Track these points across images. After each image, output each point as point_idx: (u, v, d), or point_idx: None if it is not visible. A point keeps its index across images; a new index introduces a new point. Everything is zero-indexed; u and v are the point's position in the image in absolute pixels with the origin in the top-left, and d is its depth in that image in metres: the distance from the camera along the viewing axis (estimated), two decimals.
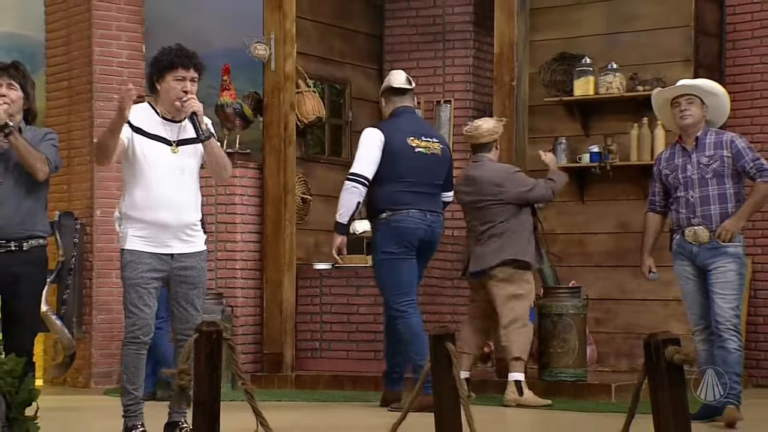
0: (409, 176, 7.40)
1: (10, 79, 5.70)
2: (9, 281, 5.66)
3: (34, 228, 5.76)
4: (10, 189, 5.65)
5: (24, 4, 10.24)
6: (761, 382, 9.37)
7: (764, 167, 6.67)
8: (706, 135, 6.75)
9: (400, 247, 7.39)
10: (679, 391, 3.17)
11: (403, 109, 7.60)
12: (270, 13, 9.28)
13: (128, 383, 5.83)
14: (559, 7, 9.99)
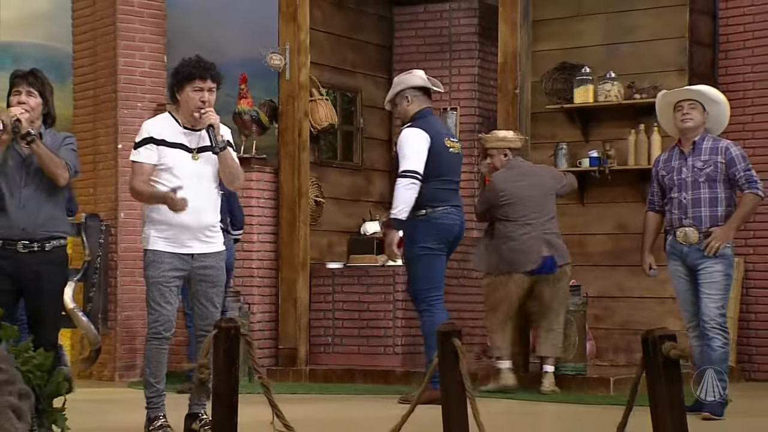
0: (447, 175, 7.43)
1: (29, 86, 5.68)
2: (32, 279, 5.66)
3: (55, 229, 5.76)
4: (31, 193, 5.65)
5: (53, 18, 10.26)
6: (754, 376, 9.36)
7: (753, 178, 6.67)
8: (703, 140, 6.75)
9: (438, 243, 7.37)
10: (675, 385, 3.16)
11: (428, 110, 7.59)
12: (285, 25, 9.29)
13: (151, 376, 5.85)
14: (560, 19, 9.98)
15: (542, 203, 8.10)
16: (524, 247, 7.96)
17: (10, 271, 5.60)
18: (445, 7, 10.31)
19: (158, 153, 5.76)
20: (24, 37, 10.34)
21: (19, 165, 5.67)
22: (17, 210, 5.64)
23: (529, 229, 7.99)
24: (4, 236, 5.64)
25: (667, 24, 9.61)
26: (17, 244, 5.64)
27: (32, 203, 5.66)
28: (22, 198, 5.65)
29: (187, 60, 5.88)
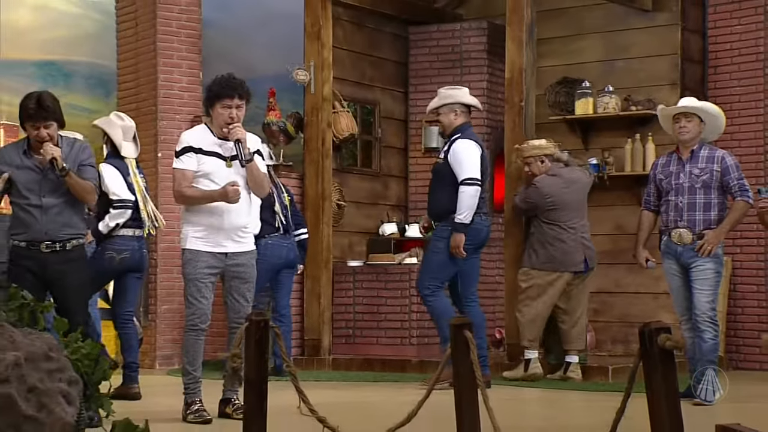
0: (484, 183, 7.47)
1: (45, 120, 5.61)
2: (57, 276, 5.67)
3: (74, 231, 5.77)
4: (52, 200, 5.67)
5: (100, 38, 10.30)
6: (741, 365, 9.32)
7: (745, 187, 6.68)
8: (700, 149, 6.74)
9: (473, 246, 7.39)
10: (670, 373, 3.14)
11: (469, 125, 7.66)
12: (310, 43, 9.30)
13: (188, 365, 5.86)
14: (562, 38, 9.97)
15: (581, 208, 8.19)
16: (571, 250, 8.03)
17: (35, 269, 5.62)
18: (457, 27, 10.31)
19: (197, 160, 5.79)
20: (74, 55, 10.38)
21: (40, 176, 5.69)
22: (40, 216, 5.65)
23: (573, 233, 8.06)
24: (29, 239, 5.66)
25: (660, 42, 9.60)
26: (41, 245, 5.65)
27: (53, 209, 5.68)
28: (44, 205, 5.67)
29: (218, 78, 5.90)
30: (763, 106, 9.41)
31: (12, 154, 5.71)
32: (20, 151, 5.70)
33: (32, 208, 5.63)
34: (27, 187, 5.65)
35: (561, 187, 8.12)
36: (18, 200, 5.67)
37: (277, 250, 8.05)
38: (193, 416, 5.73)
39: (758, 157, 9.19)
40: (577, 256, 8.04)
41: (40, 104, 5.61)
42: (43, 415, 3.53)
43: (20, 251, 5.70)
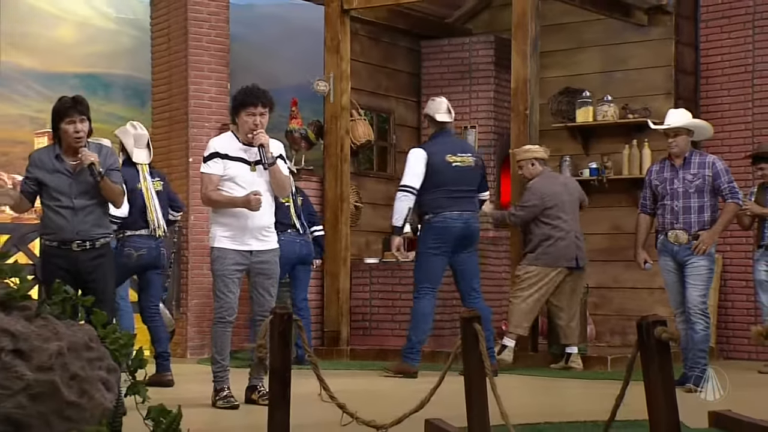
0: (450, 185, 7.40)
1: (80, 114, 5.59)
2: (87, 272, 5.65)
3: (102, 230, 5.74)
4: (82, 202, 5.64)
5: (136, 53, 10.34)
6: (730, 355, 9.31)
7: (735, 190, 6.69)
8: (692, 155, 6.73)
9: (437, 244, 7.39)
10: (665, 363, 3.14)
11: (441, 132, 7.61)
12: (329, 56, 9.30)
13: (217, 354, 5.86)
14: (564, 51, 9.96)
15: (574, 209, 8.11)
16: (566, 247, 7.96)
17: (66, 267, 5.58)
18: (466, 41, 10.30)
19: (223, 165, 5.80)
20: (112, 68, 10.42)
21: (70, 179, 5.66)
22: (72, 217, 5.62)
23: (567, 229, 7.99)
24: (60, 239, 5.63)
25: (655, 55, 9.59)
26: (72, 244, 5.62)
27: (84, 210, 5.63)
28: (75, 206, 5.64)
29: (244, 88, 5.91)
30: (751, 114, 9.39)
31: (44, 158, 5.68)
32: (52, 155, 5.65)
33: (64, 209, 5.60)
34: (58, 190, 5.61)
35: (557, 186, 8.08)
36: (49, 202, 5.64)
37: (291, 246, 8.03)
38: (222, 402, 5.75)
39: (746, 162, 9.15)
40: (570, 252, 7.98)
41: (76, 100, 5.62)
42: (84, 401, 3.54)
43: (52, 251, 5.68)
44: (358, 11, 9.44)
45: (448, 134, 7.71)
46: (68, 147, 5.59)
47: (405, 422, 3.85)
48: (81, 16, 10.41)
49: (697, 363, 6.62)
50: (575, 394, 6.71)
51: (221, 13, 9.57)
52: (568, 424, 4.86)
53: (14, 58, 10.03)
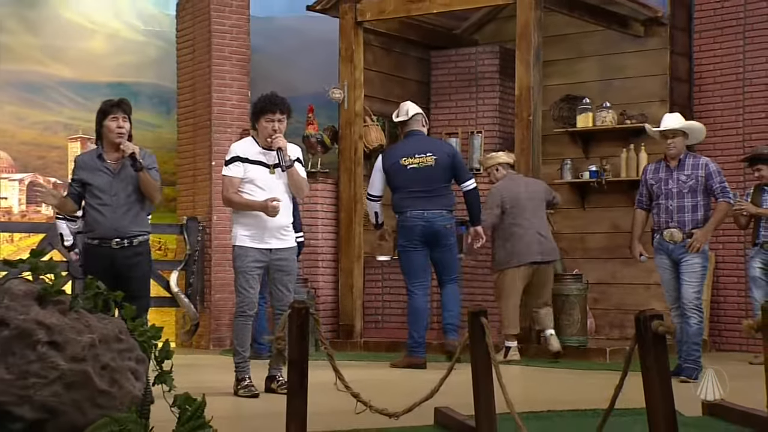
0: (409, 186, 7.38)
1: (124, 113, 5.65)
2: (125, 269, 5.67)
3: (140, 228, 5.75)
4: (123, 200, 5.65)
5: (162, 63, 10.36)
6: (722, 347, 9.27)
7: (727, 190, 6.68)
8: (686, 157, 6.71)
9: (408, 241, 7.43)
10: (662, 355, 3.13)
11: (409, 133, 7.59)
12: (344, 66, 9.31)
13: (238, 346, 5.87)
14: (565, 60, 9.94)
15: (536, 207, 7.99)
16: (527, 244, 7.89)
17: (106, 264, 5.60)
18: (473, 51, 10.29)
19: (243, 168, 5.81)
20: (140, 77, 10.44)
21: (111, 178, 5.67)
22: (111, 215, 5.62)
23: (527, 227, 7.90)
24: (100, 236, 5.64)
25: (651, 64, 9.56)
26: (111, 242, 5.63)
27: (122, 209, 5.65)
28: (114, 205, 5.65)
29: (263, 96, 5.93)
30: (741, 120, 9.36)
31: (87, 160, 5.73)
32: (95, 156, 5.70)
33: (104, 207, 5.63)
34: (100, 188, 5.65)
35: (515, 188, 7.99)
36: (91, 201, 5.66)
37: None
38: (243, 391, 5.76)
39: (738, 165, 9.13)
40: (533, 248, 7.88)
41: (121, 101, 5.72)
42: (114, 390, 3.55)
43: (92, 248, 5.70)
44: (370, 23, 9.45)
45: (415, 136, 7.58)
46: (110, 144, 5.62)
47: (416, 410, 3.85)
48: (111, 29, 10.44)
49: (691, 355, 6.63)
50: (576, 384, 6.69)
51: (242, 26, 9.59)
52: (570, 412, 4.85)
53: (51, 69, 10.08)
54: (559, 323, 8.32)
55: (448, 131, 10.09)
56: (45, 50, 10.08)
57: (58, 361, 3.49)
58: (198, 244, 9.24)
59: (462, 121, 10.16)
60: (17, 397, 3.45)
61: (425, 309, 7.47)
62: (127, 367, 3.61)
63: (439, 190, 7.45)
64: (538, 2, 8.45)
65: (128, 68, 10.44)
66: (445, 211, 7.46)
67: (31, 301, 3.58)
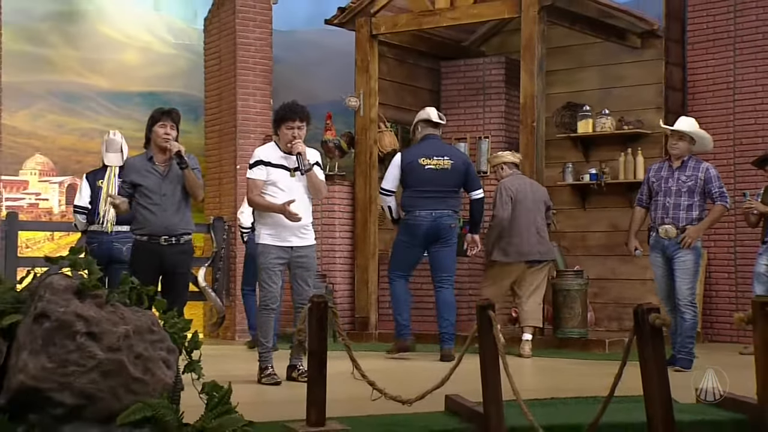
0: (421, 186, 7.29)
1: (172, 121, 5.77)
2: (171, 265, 5.70)
3: (186, 227, 5.81)
4: (171, 200, 5.70)
5: (190, 74, 10.39)
6: (714, 338, 9.24)
7: (725, 194, 6.63)
8: (689, 160, 6.68)
9: (409, 237, 7.34)
10: (658, 346, 3.12)
11: (427, 136, 7.49)
12: (360, 76, 9.31)
13: (262, 337, 5.88)
14: (566, 70, 9.92)
15: (538, 209, 7.88)
16: (527, 243, 7.78)
17: (153, 259, 5.64)
18: (480, 61, 10.27)
19: (266, 171, 5.82)
20: (170, 87, 10.46)
21: (160, 179, 5.72)
22: (161, 213, 5.68)
23: (529, 225, 7.78)
24: (149, 233, 5.69)
25: (647, 73, 9.53)
26: (160, 238, 5.68)
27: (171, 208, 5.70)
28: (163, 204, 5.70)
29: (284, 104, 5.94)
30: (732, 127, 9.33)
31: (137, 163, 5.81)
32: (145, 159, 5.79)
33: (154, 206, 5.68)
34: (150, 189, 5.70)
35: (522, 185, 7.88)
36: (141, 200, 5.72)
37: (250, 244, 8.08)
38: (266, 379, 5.77)
39: (729, 168, 9.12)
40: (534, 247, 7.78)
41: (170, 110, 5.86)
42: (147, 377, 3.55)
43: (141, 245, 5.74)
44: (384, 36, 9.45)
45: (433, 138, 7.50)
46: (158, 148, 5.69)
47: (427, 397, 3.85)
48: (144, 42, 10.47)
49: (685, 347, 6.59)
50: (578, 373, 6.68)
51: (265, 39, 9.61)
52: (572, 399, 4.84)
53: (89, 79, 10.12)
54: (561, 316, 8.30)
55: (458, 136, 10.07)
56: (83, 62, 10.12)
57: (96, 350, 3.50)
58: (224, 242, 9.26)
59: (470, 127, 10.14)
60: (58, 384, 3.46)
61: (406, 294, 7.41)
62: (159, 356, 3.62)
63: (449, 194, 7.39)
64: (542, 16, 8.43)
65: (159, 79, 10.47)
66: (451, 211, 7.41)
67: (71, 295, 3.59)
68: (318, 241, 6.34)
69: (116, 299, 3.66)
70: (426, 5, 9.08)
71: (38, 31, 9.98)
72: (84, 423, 3.46)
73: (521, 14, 8.46)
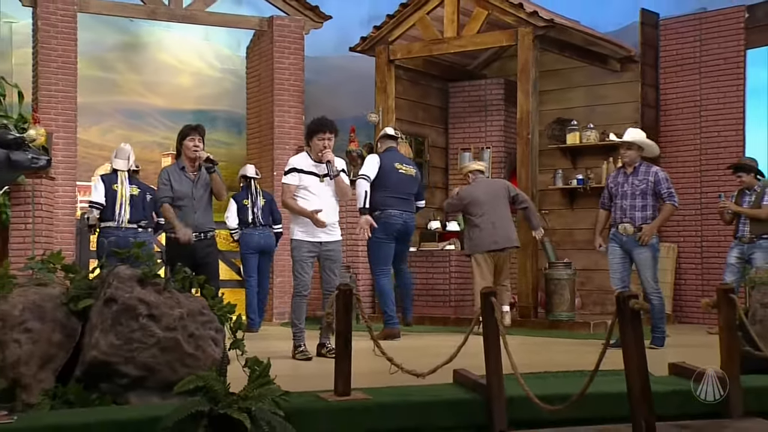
0: (394, 188, 7.17)
1: (199, 135, 5.79)
2: (202, 258, 5.72)
3: (211, 225, 5.84)
4: (199, 202, 5.75)
5: (234, 94, 10.45)
6: (684, 320, 9.19)
7: (673, 194, 6.51)
8: (641, 166, 6.60)
9: (384, 234, 7.14)
10: (637, 327, 3.10)
11: (389, 147, 7.41)
12: (379, 95, 9.31)
13: (296, 320, 5.89)
14: (557, 90, 9.89)
15: (492, 203, 7.66)
16: (484, 234, 7.63)
17: (186, 253, 5.65)
18: (482, 83, 10.26)
19: (299, 177, 5.81)
20: (217, 106, 10.52)
21: (192, 185, 5.75)
22: (191, 213, 5.71)
23: (484, 220, 7.64)
24: None
25: (626, 93, 9.49)
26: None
27: (199, 209, 5.74)
28: (194, 205, 5.72)
29: (316, 119, 5.95)
30: (699, 138, 9.29)
31: (172, 171, 5.84)
32: (178, 168, 5.81)
33: (186, 208, 5.71)
34: (183, 193, 5.73)
35: (475, 191, 7.76)
36: (176, 203, 5.73)
37: (249, 238, 8.01)
38: (299, 355, 5.78)
39: (696, 175, 9.08)
40: (489, 238, 7.63)
41: (197, 126, 5.89)
42: (199, 353, 3.57)
43: (175, 242, 5.75)
44: (400, 61, 9.45)
45: (394, 150, 7.43)
46: (188, 158, 5.72)
47: (438, 371, 3.84)
48: (195, 67, 10.52)
49: (657, 327, 6.49)
50: (567, 351, 6.64)
51: (298, 64, 9.62)
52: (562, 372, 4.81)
53: (149, 99, 10.19)
54: (552, 302, 8.28)
55: (463, 147, 10.07)
56: (144, 85, 10.20)
57: (155, 330, 3.52)
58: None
59: (474, 139, 10.13)
60: (124, 359, 3.48)
61: (390, 289, 7.29)
62: (209, 335, 3.63)
63: (411, 196, 7.35)
64: (535, 44, 8.41)
65: (208, 98, 10.52)
66: (413, 213, 7.39)
67: (134, 282, 3.62)
68: (343, 236, 6.34)
69: (172, 286, 3.68)
70: (436, 35, 9.07)
71: (107, 60, 10.06)
72: (146, 391, 3.48)
73: (518, 42, 8.43)
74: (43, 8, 8.51)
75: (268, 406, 3.21)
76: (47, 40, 8.51)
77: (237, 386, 3.39)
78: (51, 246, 7.41)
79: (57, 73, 8.53)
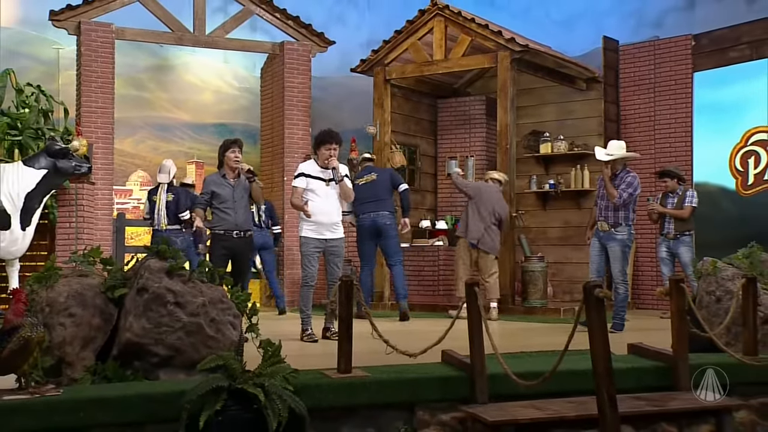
0: (359, 196, 7.17)
1: (238, 147, 5.88)
2: (240, 254, 5.73)
3: (250, 225, 5.88)
4: (239, 204, 5.77)
5: (250, 109, 10.45)
6: (641, 306, 9.19)
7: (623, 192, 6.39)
8: (621, 172, 6.59)
9: (360, 236, 7.41)
10: (601, 312, 3.10)
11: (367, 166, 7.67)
12: (376, 110, 9.30)
13: (303, 307, 5.87)
14: (532, 106, 9.90)
15: (491, 217, 7.68)
16: (475, 230, 7.62)
17: (227, 249, 5.68)
18: (467, 99, 10.25)
19: (306, 182, 5.80)
20: (235, 119, 10.52)
21: (232, 190, 5.78)
22: (233, 213, 5.73)
23: (481, 218, 7.64)
24: (225, 229, 5.74)
25: (591, 109, 9.50)
26: (233, 233, 5.72)
27: (239, 211, 5.76)
28: (234, 208, 5.75)
29: (323, 131, 5.95)
30: (653, 148, 9.31)
31: (215, 178, 5.93)
32: (219, 176, 5.89)
33: (228, 209, 5.77)
34: (224, 197, 5.79)
35: (485, 191, 7.75)
36: (218, 206, 5.81)
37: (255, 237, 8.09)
38: (306, 338, 5.77)
39: (651, 179, 9.07)
40: (475, 234, 7.61)
41: (236, 140, 5.96)
42: (219, 336, 3.57)
43: (218, 237, 5.79)
44: (395, 80, 9.43)
45: (368, 167, 7.67)
46: (229, 168, 5.78)
47: (429, 352, 3.85)
48: (216, 86, 10.52)
49: (618, 314, 6.47)
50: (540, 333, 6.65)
51: (306, 83, 9.60)
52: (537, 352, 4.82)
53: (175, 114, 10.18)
54: (528, 290, 8.28)
55: (450, 155, 10.06)
56: (172, 102, 10.19)
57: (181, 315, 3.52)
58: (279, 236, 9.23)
59: (460, 149, 10.14)
60: (154, 340, 3.49)
61: (370, 281, 7.43)
62: (228, 320, 3.63)
63: (382, 199, 7.38)
64: (513, 66, 8.41)
65: (227, 113, 10.52)
66: (387, 212, 7.38)
67: (163, 274, 3.62)
68: (345, 234, 6.33)
69: (196, 277, 3.68)
70: (426, 57, 9.07)
71: (140, 79, 10.07)
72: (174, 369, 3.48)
73: (498, 64, 8.44)
74: (86, 36, 8.57)
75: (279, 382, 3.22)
76: (89, 63, 8.59)
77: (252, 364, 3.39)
78: (91, 242, 7.40)
79: (97, 91, 8.61)
